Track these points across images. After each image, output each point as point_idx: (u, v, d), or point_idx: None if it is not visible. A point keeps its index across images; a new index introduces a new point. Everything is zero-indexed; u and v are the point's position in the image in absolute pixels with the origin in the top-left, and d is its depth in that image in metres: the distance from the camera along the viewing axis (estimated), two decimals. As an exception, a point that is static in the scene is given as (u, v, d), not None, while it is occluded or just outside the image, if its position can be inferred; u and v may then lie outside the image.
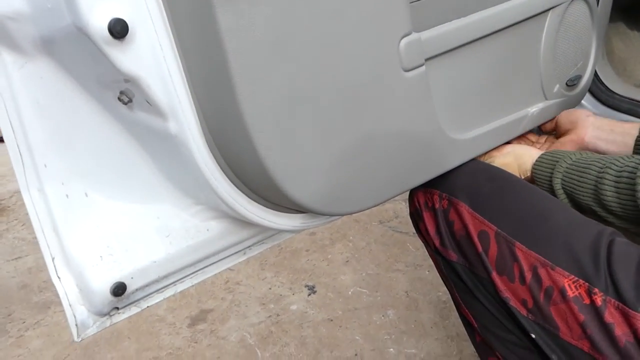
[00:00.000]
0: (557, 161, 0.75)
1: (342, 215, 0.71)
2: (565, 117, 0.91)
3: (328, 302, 1.62)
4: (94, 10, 0.51)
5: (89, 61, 0.60)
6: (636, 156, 0.65)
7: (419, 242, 1.82)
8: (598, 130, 0.84)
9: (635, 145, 0.80)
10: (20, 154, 0.66)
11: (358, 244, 1.85)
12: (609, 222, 0.66)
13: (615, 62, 1.77)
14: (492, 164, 0.81)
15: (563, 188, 0.73)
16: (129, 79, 0.58)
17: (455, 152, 0.76)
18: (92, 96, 0.66)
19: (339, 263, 1.78)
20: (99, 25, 0.52)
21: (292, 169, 0.60)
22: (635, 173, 0.61)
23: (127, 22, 0.53)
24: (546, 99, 0.90)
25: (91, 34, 0.52)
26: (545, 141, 0.95)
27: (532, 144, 0.95)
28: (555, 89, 0.90)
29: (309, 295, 1.66)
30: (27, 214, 0.66)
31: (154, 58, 0.57)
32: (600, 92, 1.48)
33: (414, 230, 0.86)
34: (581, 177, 0.69)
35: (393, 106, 0.66)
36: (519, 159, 0.81)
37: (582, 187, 0.69)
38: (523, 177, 0.81)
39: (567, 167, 0.73)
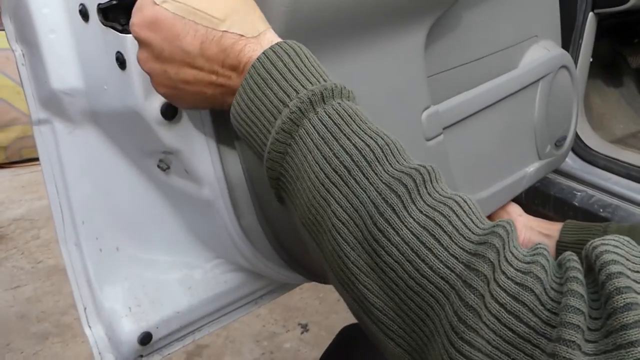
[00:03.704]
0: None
1: None
2: (498, 217, 0.89)
3: (320, 341, 1.66)
4: (149, 96, 0.58)
5: (132, 132, 0.66)
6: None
7: (407, 283, 1.89)
8: (530, 231, 0.86)
9: (557, 249, 0.80)
10: (62, 211, 0.72)
11: (349, 283, 1.91)
12: None
13: (593, 118, 1.89)
14: None
15: None
16: (171, 152, 0.65)
17: None
18: (131, 161, 0.73)
19: (331, 302, 1.84)
20: (153, 108, 0.59)
21: None
22: None
23: (177, 108, 0.61)
24: (540, 158, 1.00)
25: (145, 115, 0.59)
26: None
27: None
28: (547, 150, 1.01)
29: (302, 333, 1.71)
30: (26, 242, 0.71)
31: (197, 134, 0.63)
32: (579, 148, 1.60)
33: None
34: None
35: None
36: None
37: None
38: None
39: None
